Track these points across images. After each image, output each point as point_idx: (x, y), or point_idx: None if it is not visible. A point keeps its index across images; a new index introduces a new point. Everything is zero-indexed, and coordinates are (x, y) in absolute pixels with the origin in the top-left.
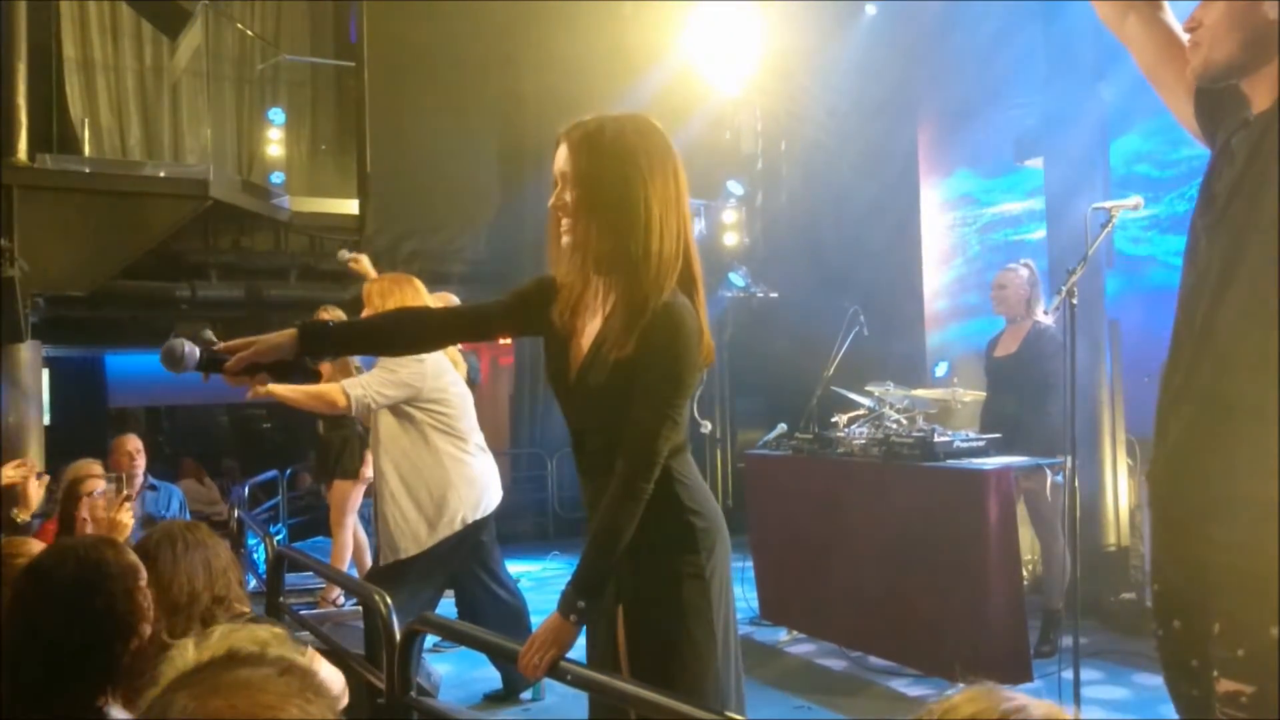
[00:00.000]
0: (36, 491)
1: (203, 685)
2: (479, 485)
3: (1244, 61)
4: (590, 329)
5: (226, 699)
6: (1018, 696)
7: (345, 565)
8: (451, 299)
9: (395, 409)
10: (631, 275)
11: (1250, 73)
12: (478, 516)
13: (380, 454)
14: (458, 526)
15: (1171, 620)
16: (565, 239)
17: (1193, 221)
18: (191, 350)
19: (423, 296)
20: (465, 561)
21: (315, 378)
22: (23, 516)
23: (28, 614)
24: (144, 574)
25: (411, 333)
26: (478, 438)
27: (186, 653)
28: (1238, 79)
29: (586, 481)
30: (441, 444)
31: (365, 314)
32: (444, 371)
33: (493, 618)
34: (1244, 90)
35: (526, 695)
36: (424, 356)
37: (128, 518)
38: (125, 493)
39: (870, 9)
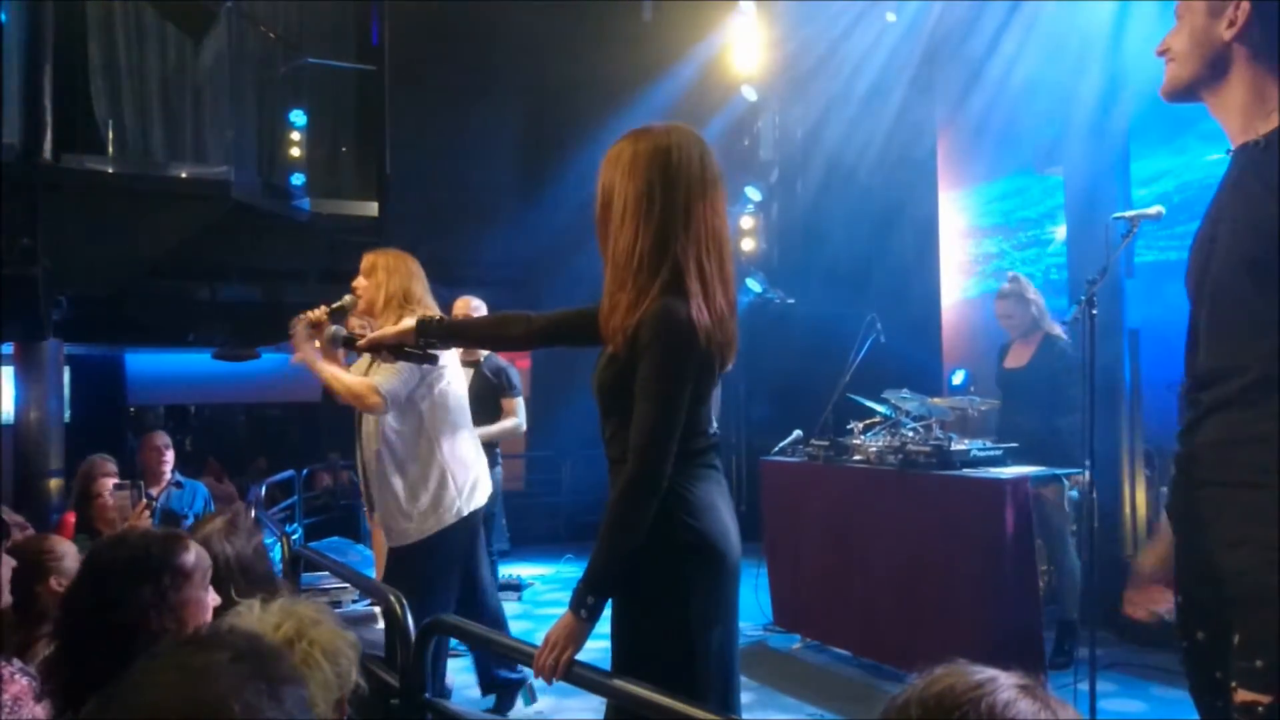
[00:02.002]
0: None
1: (152, 673)
2: (473, 477)
3: (1205, 77)
4: None
5: (178, 690)
6: (990, 670)
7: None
8: (477, 304)
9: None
10: (625, 277)
11: (1210, 86)
12: (472, 508)
13: (376, 443)
14: (451, 519)
15: (1196, 633)
16: None
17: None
18: (339, 329)
19: (423, 277)
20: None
21: (433, 360)
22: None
23: (72, 595)
24: (183, 574)
25: (519, 333)
26: (470, 430)
27: (253, 611)
28: (1201, 93)
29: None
30: (437, 434)
31: (365, 283)
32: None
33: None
34: (1218, 119)
35: (520, 704)
36: None
37: (145, 524)
38: (142, 500)
39: (890, 16)
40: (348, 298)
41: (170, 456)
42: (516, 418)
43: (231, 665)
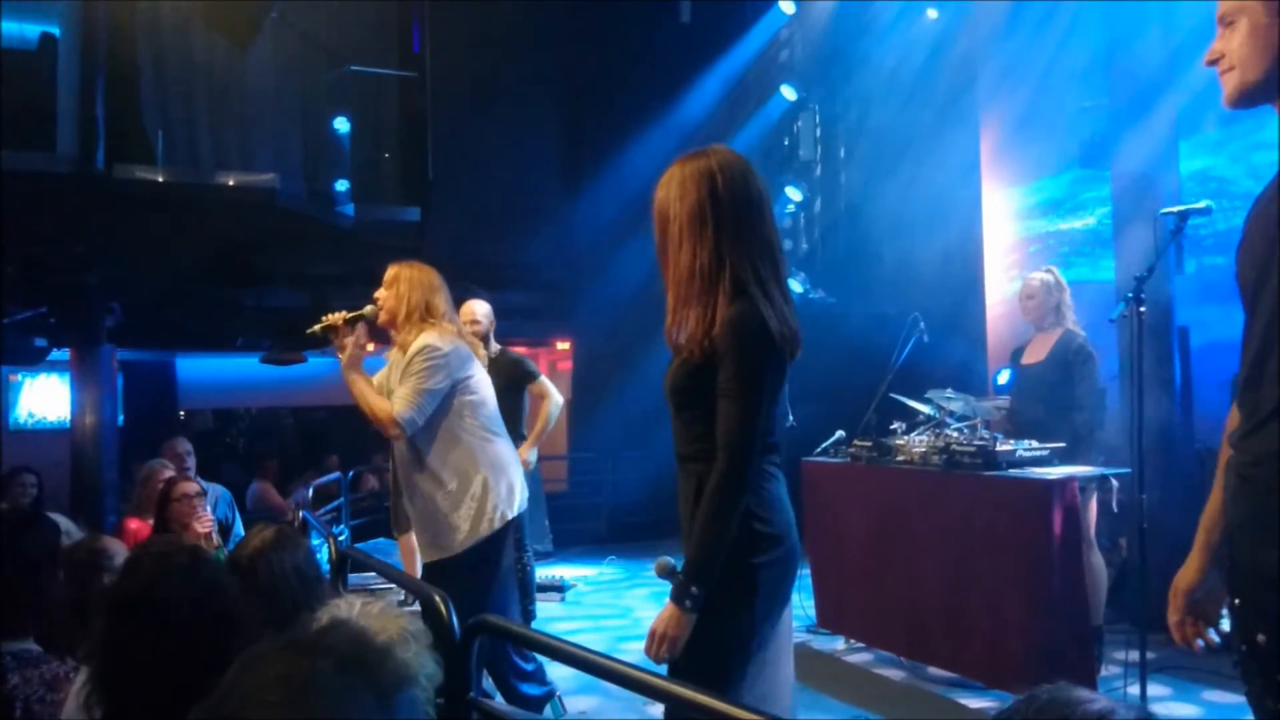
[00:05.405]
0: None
1: (253, 689)
2: (509, 481)
3: (1277, 79)
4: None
5: (282, 710)
6: (1104, 698)
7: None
8: (481, 307)
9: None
10: (690, 292)
11: None
12: (515, 512)
13: (410, 463)
14: (498, 523)
15: (1256, 635)
16: None
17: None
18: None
19: (446, 291)
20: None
21: None
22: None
23: None
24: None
25: None
26: (499, 428)
27: (354, 608)
28: (1272, 98)
29: (679, 476)
30: (473, 443)
31: (387, 294)
32: (470, 359)
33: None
34: None
35: (548, 714)
36: (446, 350)
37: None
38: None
39: (931, 13)
40: (369, 307)
41: (192, 463)
42: (552, 396)
43: (337, 676)
